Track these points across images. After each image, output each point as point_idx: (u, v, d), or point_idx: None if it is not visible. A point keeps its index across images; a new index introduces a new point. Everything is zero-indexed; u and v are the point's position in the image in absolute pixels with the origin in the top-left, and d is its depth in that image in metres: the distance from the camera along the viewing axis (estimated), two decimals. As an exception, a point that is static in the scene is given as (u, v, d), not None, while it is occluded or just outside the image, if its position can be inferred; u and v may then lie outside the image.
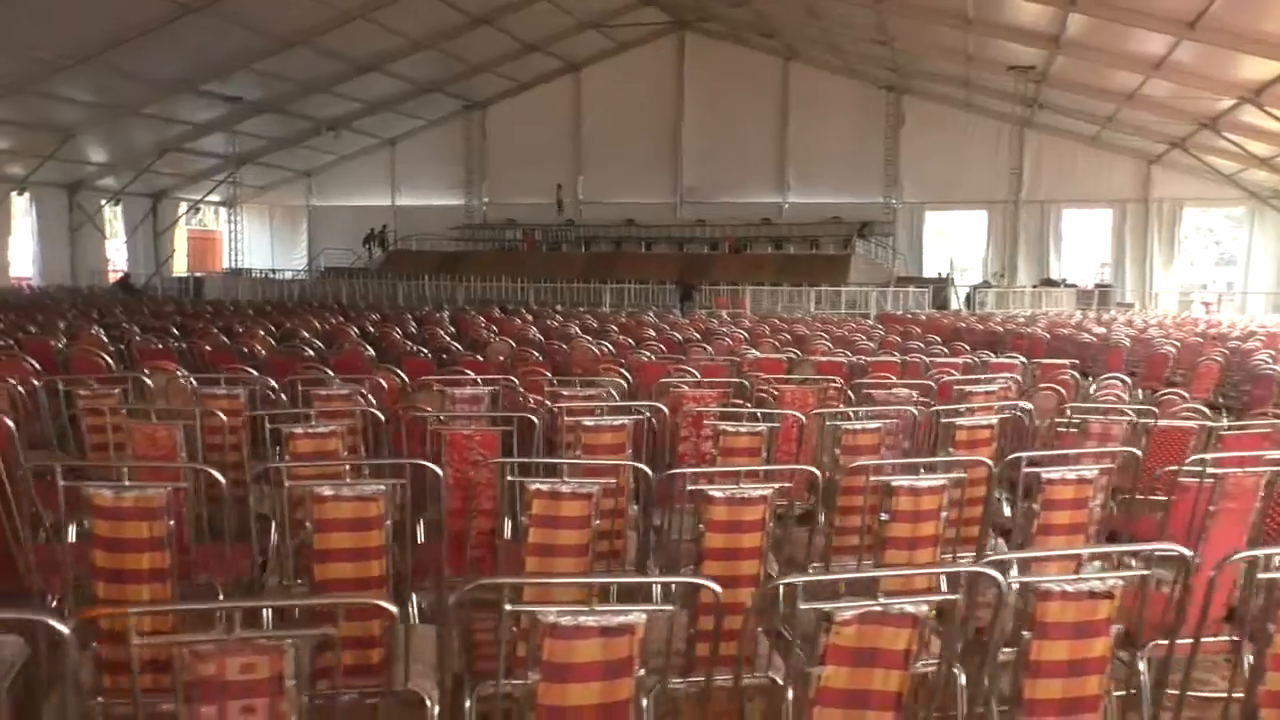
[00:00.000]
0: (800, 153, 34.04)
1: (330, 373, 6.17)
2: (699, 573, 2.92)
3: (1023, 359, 7.98)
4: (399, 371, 6.41)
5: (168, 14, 23.20)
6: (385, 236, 36.16)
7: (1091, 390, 6.65)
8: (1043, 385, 6.31)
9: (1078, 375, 7.03)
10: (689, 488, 3.36)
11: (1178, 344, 9.83)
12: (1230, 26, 17.15)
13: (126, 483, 2.87)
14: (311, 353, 7.97)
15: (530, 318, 14.77)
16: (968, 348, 9.51)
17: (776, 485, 3.07)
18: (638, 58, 35.37)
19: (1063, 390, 6.06)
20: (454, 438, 3.93)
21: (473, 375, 5.99)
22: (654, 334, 11.38)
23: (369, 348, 8.63)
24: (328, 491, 2.88)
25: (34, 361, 6.39)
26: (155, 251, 35.88)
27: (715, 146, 34.59)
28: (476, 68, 33.06)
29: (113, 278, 33.74)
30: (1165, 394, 5.84)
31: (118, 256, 35.63)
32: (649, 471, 3.71)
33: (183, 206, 36.88)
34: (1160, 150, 29.34)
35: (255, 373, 6.24)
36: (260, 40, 26.01)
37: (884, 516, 3.13)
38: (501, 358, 8.03)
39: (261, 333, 9.85)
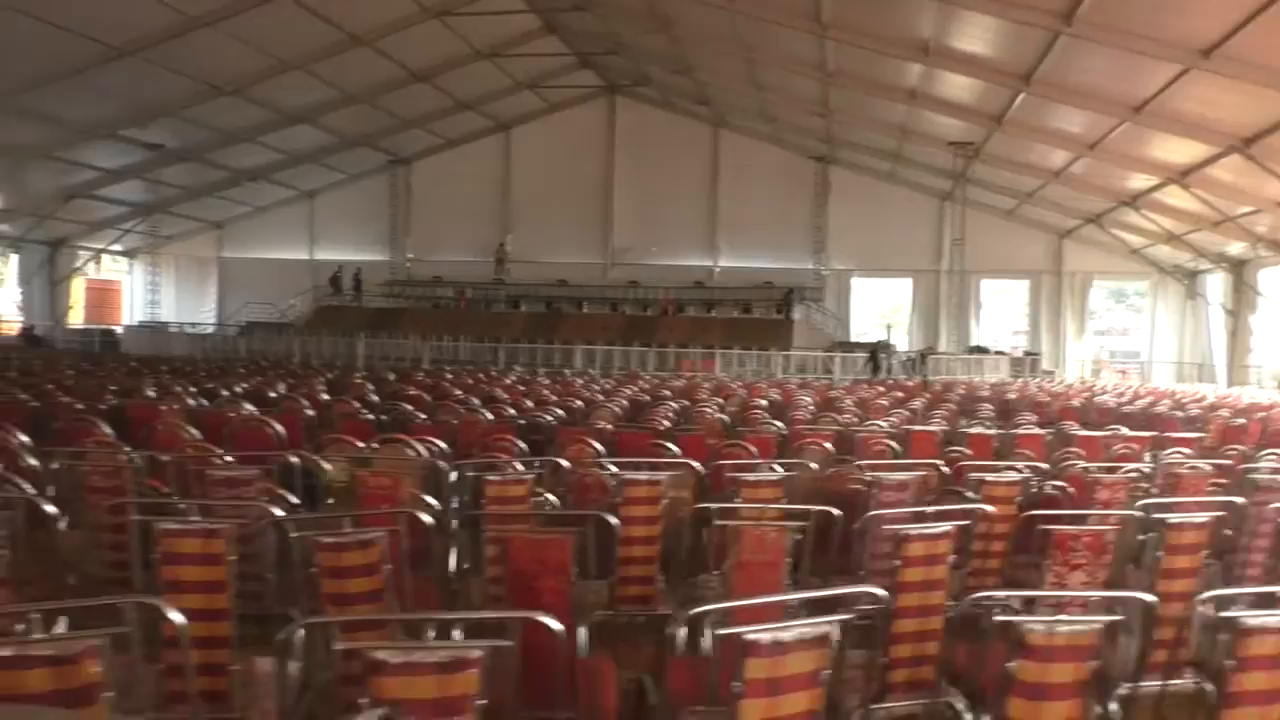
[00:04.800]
0: (730, 218, 34.58)
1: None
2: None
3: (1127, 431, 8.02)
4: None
5: (100, 56, 22.05)
6: (359, 279, 34.51)
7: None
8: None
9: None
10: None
11: (1226, 415, 10.13)
12: (1174, 112, 18.25)
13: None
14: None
15: (554, 383, 14.22)
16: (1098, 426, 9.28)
17: None
18: (568, 119, 35.49)
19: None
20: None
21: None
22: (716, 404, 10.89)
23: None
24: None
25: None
26: (52, 302, 33.62)
27: (645, 209, 34.84)
28: (407, 123, 32.54)
29: (5, 329, 31.48)
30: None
31: (8, 307, 33.21)
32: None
33: (82, 256, 34.75)
34: (1073, 225, 30.95)
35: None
36: (193, 86, 25.00)
37: None
38: (607, 424, 7.64)
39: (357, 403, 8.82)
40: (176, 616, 2.16)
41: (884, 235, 33.01)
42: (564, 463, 4.80)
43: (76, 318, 35.14)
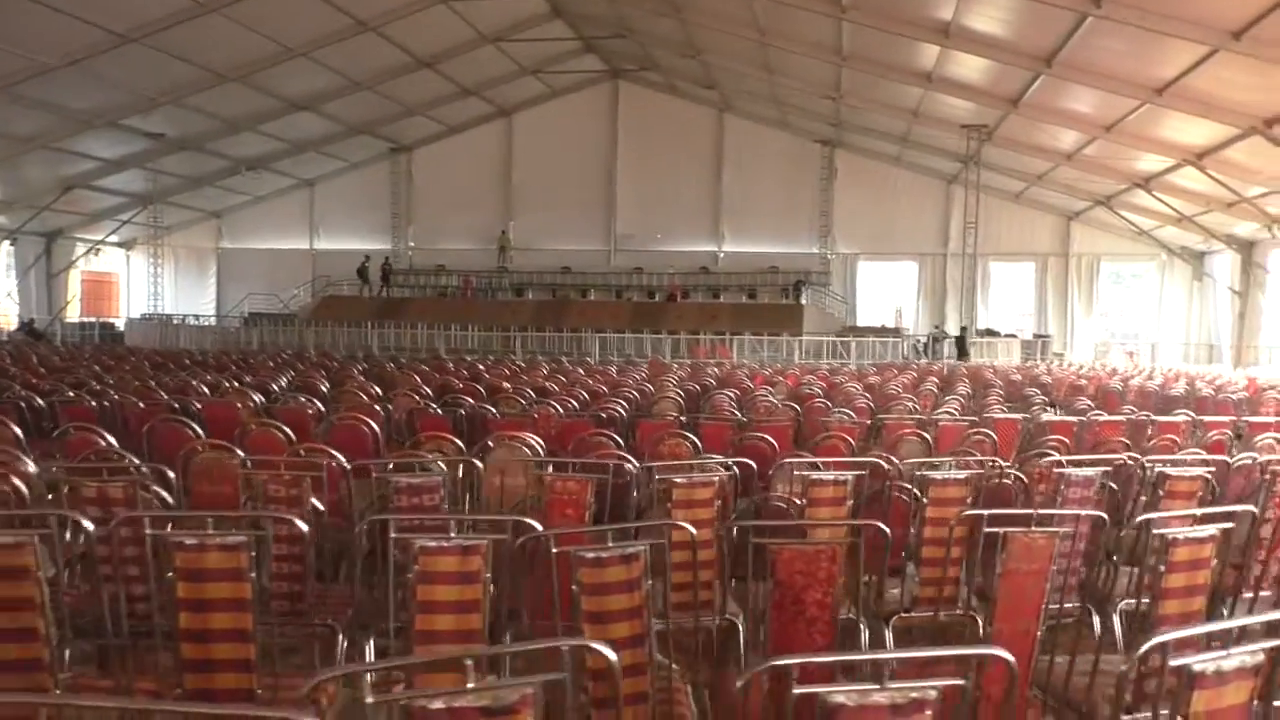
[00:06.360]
0: (734, 203, 34.40)
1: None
2: None
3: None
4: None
5: (104, 43, 21.66)
6: (387, 269, 34.34)
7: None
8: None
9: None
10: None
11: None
12: (1196, 93, 18.16)
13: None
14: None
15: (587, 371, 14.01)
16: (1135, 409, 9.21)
17: None
18: (570, 105, 35.19)
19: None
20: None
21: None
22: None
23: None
24: None
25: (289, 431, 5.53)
26: (49, 295, 33.20)
27: (649, 195, 34.62)
28: (409, 110, 32.18)
29: (3, 323, 31.06)
30: None
31: (5, 300, 32.76)
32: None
33: (79, 248, 34.30)
34: (1081, 207, 30.92)
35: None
36: (196, 74, 24.63)
37: None
38: (678, 415, 7.50)
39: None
40: (608, 652, 1.99)
41: (890, 219, 32.96)
42: (750, 462, 4.64)
43: (73, 310, 34.73)
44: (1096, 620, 3.72)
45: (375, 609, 3.45)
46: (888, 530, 3.22)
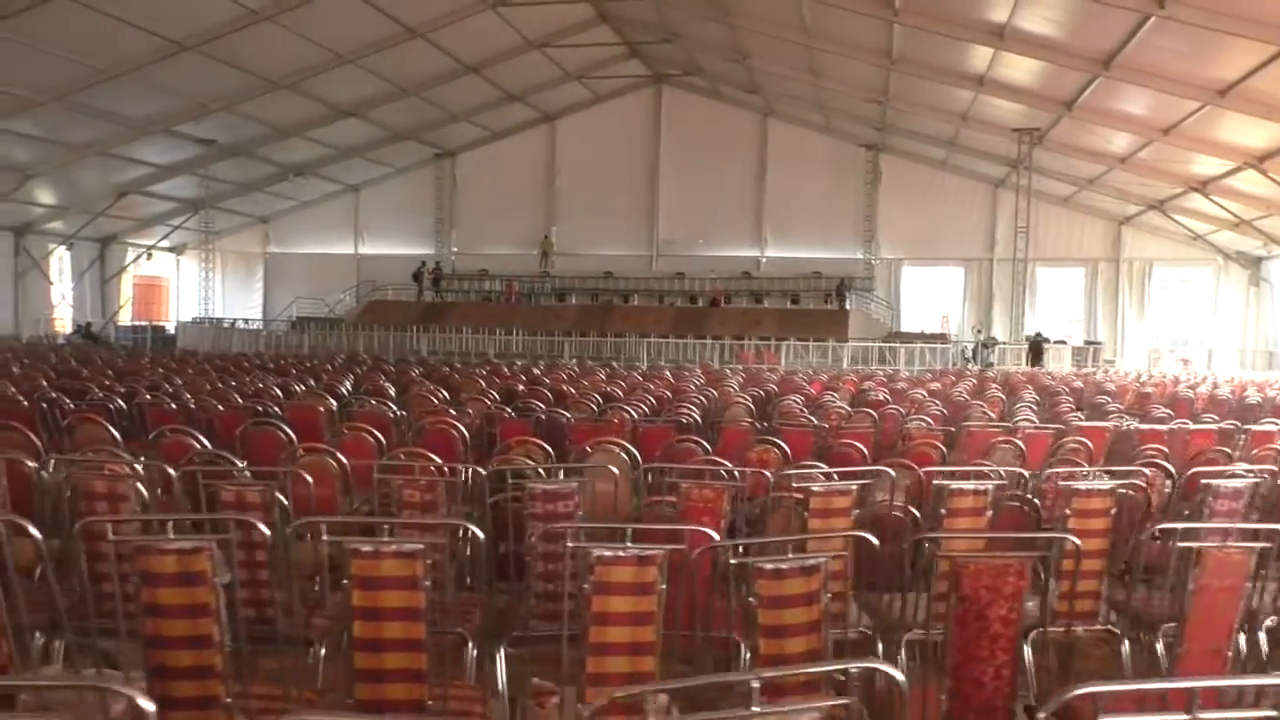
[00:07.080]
0: (777, 208, 34.21)
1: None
2: None
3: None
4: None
5: (159, 51, 22.00)
6: (438, 274, 34.83)
7: None
8: None
9: None
10: None
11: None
12: (1259, 94, 17.80)
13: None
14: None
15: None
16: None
17: None
18: (614, 110, 35.23)
19: None
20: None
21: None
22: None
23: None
24: None
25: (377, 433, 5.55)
26: (103, 299, 33.75)
27: (692, 200, 34.55)
28: (454, 115, 32.38)
29: (59, 326, 31.60)
30: None
31: (61, 304, 33.30)
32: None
33: (131, 252, 34.83)
34: (1133, 211, 30.41)
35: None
36: (248, 81, 24.96)
37: None
38: (752, 422, 7.44)
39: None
40: (897, 675, 1.93)
41: (935, 223, 32.61)
42: (889, 471, 4.56)
43: (124, 314, 35.27)
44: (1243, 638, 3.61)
45: (500, 618, 3.43)
46: (1079, 543, 3.14)
